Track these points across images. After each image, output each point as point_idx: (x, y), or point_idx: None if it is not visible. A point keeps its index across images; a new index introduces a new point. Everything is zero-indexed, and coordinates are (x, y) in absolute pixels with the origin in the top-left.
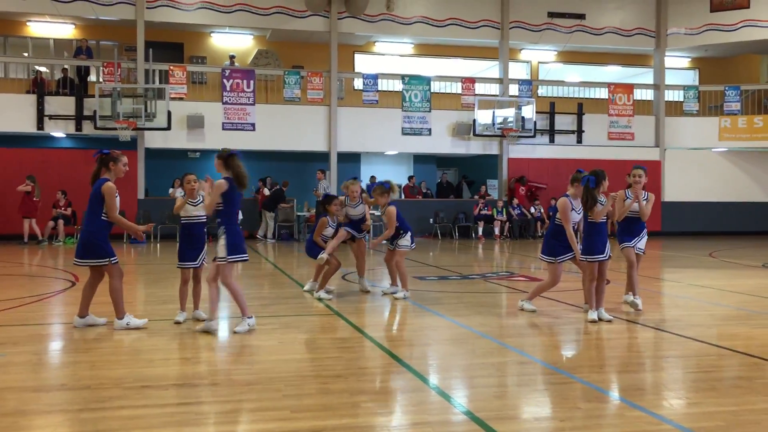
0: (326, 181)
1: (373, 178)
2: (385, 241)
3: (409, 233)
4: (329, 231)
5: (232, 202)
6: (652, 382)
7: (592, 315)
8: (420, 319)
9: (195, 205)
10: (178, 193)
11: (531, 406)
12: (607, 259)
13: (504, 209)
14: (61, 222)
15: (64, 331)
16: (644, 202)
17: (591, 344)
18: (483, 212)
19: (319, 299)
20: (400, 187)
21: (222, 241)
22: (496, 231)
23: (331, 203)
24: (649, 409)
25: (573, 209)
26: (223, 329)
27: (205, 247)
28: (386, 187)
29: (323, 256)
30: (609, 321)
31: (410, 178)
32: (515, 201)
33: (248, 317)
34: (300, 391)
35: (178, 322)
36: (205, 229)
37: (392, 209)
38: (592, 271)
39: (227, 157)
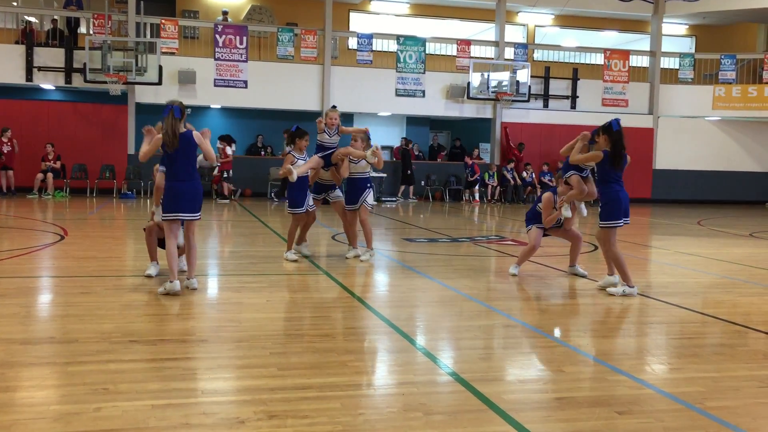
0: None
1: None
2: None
3: (372, 190)
4: (299, 164)
5: (168, 158)
6: (636, 347)
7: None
8: (408, 281)
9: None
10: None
11: (515, 369)
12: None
13: (495, 174)
14: (50, 175)
15: (53, 284)
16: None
17: (577, 309)
18: (469, 174)
19: (286, 259)
20: (391, 149)
21: None
22: (476, 196)
23: (302, 136)
24: (631, 373)
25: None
26: (212, 287)
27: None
28: (368, 137)
29: (290, 167)
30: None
31: (403, 139)
32: (510, 165)
33: (171, 281)
34: (287, 349)
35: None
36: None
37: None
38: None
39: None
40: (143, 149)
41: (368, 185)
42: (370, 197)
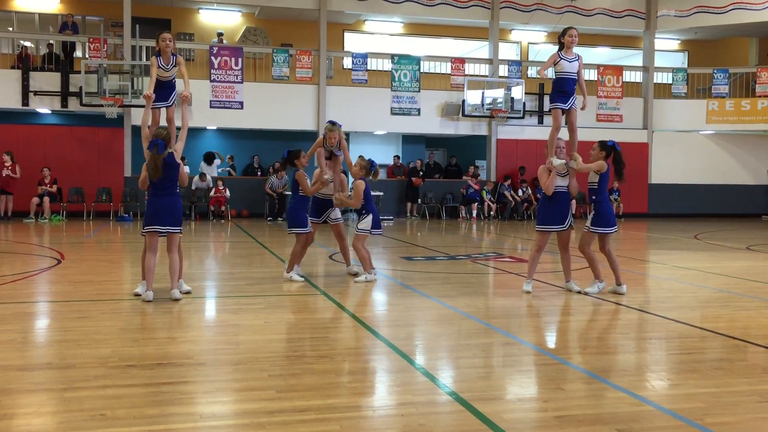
0: (277, 180)
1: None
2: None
3: (371, 216)
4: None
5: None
6: (635, 363)
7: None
8: (406, 300)
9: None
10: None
11: (515, 387)
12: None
13: (494, 190)
14: (46, 199)
15: (50, 309)
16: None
17: (575, 325)
18: (471, 192)
19: (291, 280)
20: (385, 168)
21: None
22: (474, 213)
23: (299, 157)
24: (630, 390)
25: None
26: (209, 309)
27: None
28: (372, 167)
29: (327, 177)
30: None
31: (395, 157)
32: (508, 182)
33: (147, 290)
34: (285, 371)
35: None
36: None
37: (362, 183)
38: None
39: None
40: (142, 176)
41: (362, 211)
42: (361, 223)
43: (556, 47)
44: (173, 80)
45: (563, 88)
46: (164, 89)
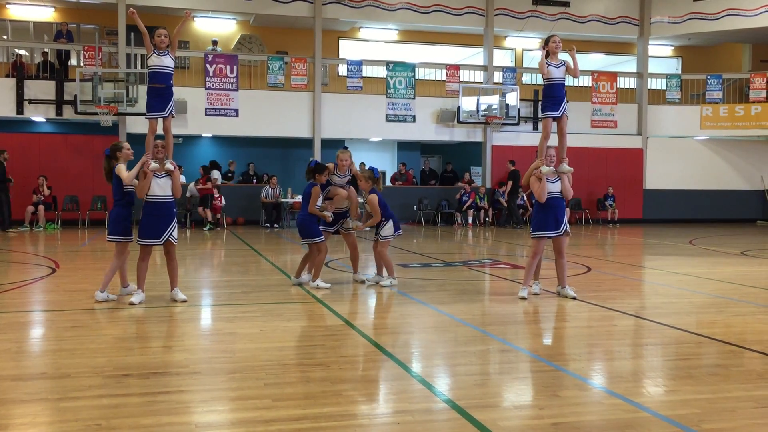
0: (271, 188)
1: (362, 165)
2: (368, 228)
3: (391, 221)
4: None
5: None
6: (631, 369)
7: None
8: (403, 307)
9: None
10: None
11: (511, 394)
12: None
13: (485, 196)
14: (41, 208)
15: (44, 318)
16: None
17: (571, 332)
18: (465, 199)
19: (318, 287)
20: (384, 174)
21: None
22: (470, 219)
23: (322, 172)
24: (627, 396)
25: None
26: (205, 317)
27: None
28: (375, 174)
29: (328, 214)
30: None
31: (402, 164)
32: (503, 188)
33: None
34: (281, 379)
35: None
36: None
37: (374, 197)
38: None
39: None
40: (139, 185)
41: (384, 219)
42: (383, 229)
43: (540, 55)
44: (170, 87)
45: (554, 94)
46: (161, 98)
